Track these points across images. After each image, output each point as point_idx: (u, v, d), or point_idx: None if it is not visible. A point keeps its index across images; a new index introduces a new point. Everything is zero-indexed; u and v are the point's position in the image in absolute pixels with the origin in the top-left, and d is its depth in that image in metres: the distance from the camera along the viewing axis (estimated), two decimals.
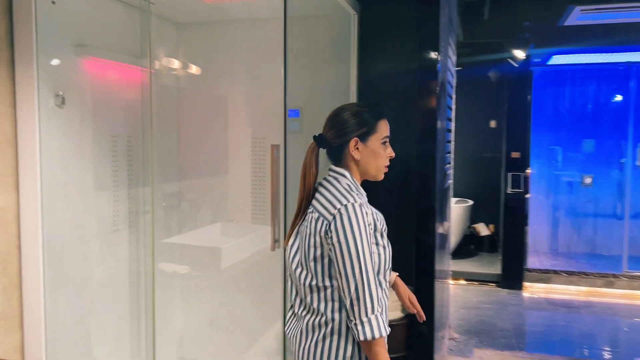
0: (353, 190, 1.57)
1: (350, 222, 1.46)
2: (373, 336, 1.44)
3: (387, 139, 1.65)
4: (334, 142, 1.62)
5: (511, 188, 5.46)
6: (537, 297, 5.34)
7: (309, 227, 1.55)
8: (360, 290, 1.45)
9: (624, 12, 4.47)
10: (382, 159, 1.64)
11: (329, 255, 1.50)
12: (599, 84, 6.37)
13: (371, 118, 1.62)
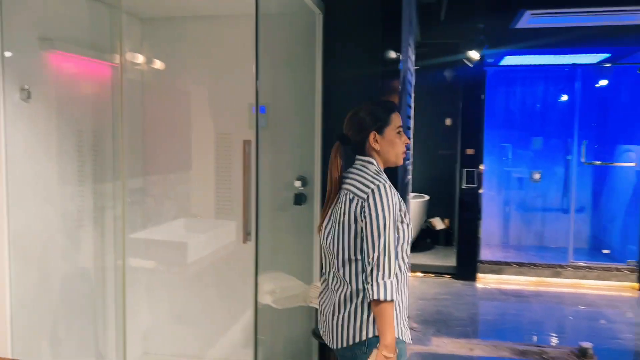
0: (381, 175, 1.81)
1: (381, 198, 1.70)
2: (385, 297, 1.65)
3: (400, 128, 1.88)
4: (356, 138, 1.87)
5: (466, 183, 5.67)
6: (489, 287, 5.58)
7: (343, 207, 1.79)
8: (382, 256, 1.66)
9: (571, 17, 4.72)
10: (399, 146, 1.87)
11: (361, 228, 1.72)
12: (548, 84, 6.69)
13: (384, 113, 1.86)
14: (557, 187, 6.63)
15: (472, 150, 5.68)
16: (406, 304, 1.86)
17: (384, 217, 1.68)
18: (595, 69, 6.42)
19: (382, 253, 1.66)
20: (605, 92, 6.53)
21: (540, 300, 5.16)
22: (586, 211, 6.65)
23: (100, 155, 2.74)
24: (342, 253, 1.79)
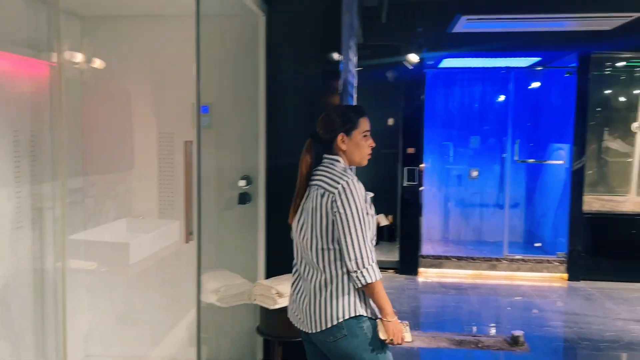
0: (347, 172, 1.97)
1: (352, 193, 1.88)
2: (376, 278, 1.88)
3: (367, 132, 2.05)
4: (326, 137, 2.03)
5: (407, 181, 5.87)
6: (430, 281, 5.80)
7: (315, 202, 1.96)
8: (362, 245, 1.86)
9: (503, 22, 4.98)
10: (364, 149, 2.04)
11: (334, 221, 1.90)
12: (484, 85, 7.01)
13: (354, 116, 2.03)
14: (494, 184, 6.96)
15: (413, 150, 5.88)
16: None
17: (357, 209, 1.87)
18: (527, 72, 6.78)
19: (362, 242, 1.86)
20: (537, 93, 6.91)
21: (477, 292, 5.41)
22: (520, 207, 7.01)
23: (38, 155, 2.68)
24: (315, 244, 1.95)
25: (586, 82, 5.69)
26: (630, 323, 4.50)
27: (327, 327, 1.94)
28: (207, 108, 3.23)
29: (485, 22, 4.90)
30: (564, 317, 4.78)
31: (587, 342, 4.12)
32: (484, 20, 4.84)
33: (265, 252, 3.33)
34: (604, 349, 4.00)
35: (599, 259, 5.75)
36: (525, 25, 5.14)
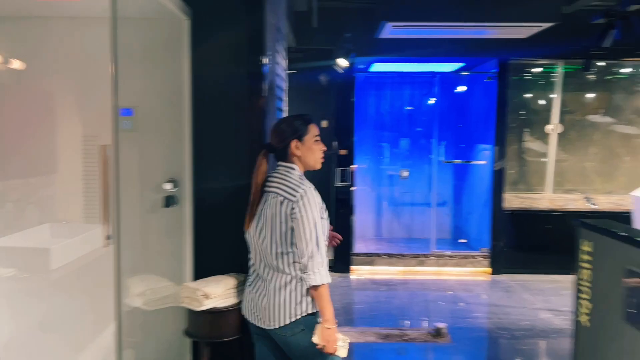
0: (304, 180, 2.12)
1: (309, 201, 2.04)
2: (322, 282, 2.02)
3: (318, 137, 2.22)
4: (279, 145, 2.18)
5: (340, 182, 6.01)
6: (363, 278, 5.97)
7: (274, 209, 2.09)
8: (315, 250, 2.01)
9: (428, 30, 5.21)
10: (317, 152, 2.21)
11: (292, 227, 2.03)
12: (413, 89, 7.28)
13: (303, 124, 2.19)
14: (423, 184, 7.24)
15: (345, 151, 6.03)
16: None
17: (313, 217, 2.02)
18: (452, 77, 7.11)
19: (315, 247, 2.01)
20: (463, 97, 7.25)
21: (406, 288, 5.63)
22: (448, 205, 7.34)
23: None
24: (275, 248, 2.10)
25: (505, 87, 6.04)
26: (543, 312, 4.83)
27: (286, 323, 2.09)
28: (130, 111, 3.21)
29: (410, 29, 5.11)
30: (485, 308, 5.06)
31: (504, 331, 4.40)
32: (408, 27, 5.04)
33: (192, 254, 3.34)
34: (519, 337, 4.28)
35: (519, 253, 6.12)
36: (448, 33, 5.40)
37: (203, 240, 3.39)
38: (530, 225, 6.13)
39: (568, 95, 6.82)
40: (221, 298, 3.14)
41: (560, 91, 6.65)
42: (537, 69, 6.76)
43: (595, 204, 6.20)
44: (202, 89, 3.33)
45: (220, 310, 3.14)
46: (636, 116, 6.89)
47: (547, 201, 6.46)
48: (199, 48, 3.30)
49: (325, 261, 2.04)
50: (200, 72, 3.31)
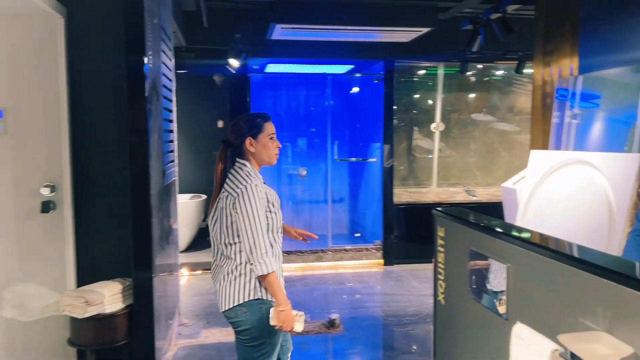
0: (252, 176, 2.24)
1: (249, 197, 2.16)
2: (267, 271, 2.15)
3: (273, 135, 2.33)
4: (236, 142, 2.29)
5: None
6: None
7: (223, 203, 2.23)
8: (257, 241, 2.15)
9: (317, 32, 5.38)
10: (271, 149, 2.32)
11: (236, 220, 2.18)
12: (308, 90, 7.46)
13: (259, 121, 2.30)
14: (320, 182, 7.45)
15: None
16: (280, 273, 2.33)
17: (252, 211, 2.15)
18: (344, 78, 7.38)
19: (257, 238, 2.15)
20: (355, 98, 7.55)
21: (305, 283, 5.77)
22: (345, 201, 7.61)
23: None
24: (224, 238, 2.25)
25: (392, 88, 6.38)
26: (429, 298, 5.15)
27: (232, 306, 2.24)
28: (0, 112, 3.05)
29: (299, 31, 5.25)
30: (377, 298, 5.33)
31: (393, 317, 4.67)
32: (297, 29, 5.18)
33: (74, 260, 3.24)
34: (406, 322, 4.56)
35: (409, 244, 6.49)
36: (337, 36, 5.61)
37: (85, 246, 3.29)
38: (418, 217, 6.52)
39: (450, 95, 7.34)
40: (106, 304, 3.07)
41: (442, 92, 7.13)
42: (421, 71, 7.21)
43: (476, 195, 6.72)
44: (80, 89, 3.24)
45: (105, 316, 3.08)
46: (511, 114, 7.56)
47: (433, 195, 6.91)
48: (75, 48, 3.20)
49: (269, 252, 2.18)
50: (78, 71, 3.22)
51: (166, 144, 3.97)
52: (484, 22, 4.79)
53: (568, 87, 4.20)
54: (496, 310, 1.64)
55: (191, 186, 6.88)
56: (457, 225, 1.98)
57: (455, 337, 2.00)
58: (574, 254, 1.35)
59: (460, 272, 1.93)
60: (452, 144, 7.39)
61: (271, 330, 2.24)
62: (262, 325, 2.22)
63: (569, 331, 1.23)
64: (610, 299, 1.17)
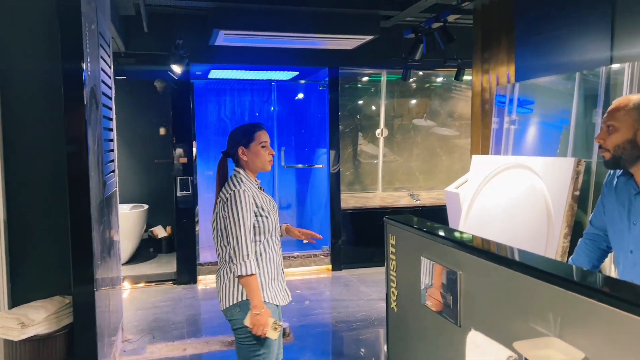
0: (243, 182, 2.37)
1: (236, 202, 2.29)
2: (246, 273, 2.25)
3: (265, 143, 2.45)
4: (231, 151, 2.47)
5: (180, 191, 5.89)
6: (209, 288, 5.91)
7: (218, 208, 2.38)
8: (240, 243, 2.26)
9: (260, 39, 5.34)
10: (263, 157, 2.44)
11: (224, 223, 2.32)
12: (253, 96, 7.39)
13: (250, 131, 2.44)
14: (267, 189, 7.34)
15: (185, 159, 5.92)
16: (276, 275, 2.47)
17: (237, 214, 2.26)
18: (289, 84, 7.37)
19: (240, 240, 2.26)
20: (301, 104, 7.55)
21: None
22: (292, 207, 7.58)
23: None
24: (219, 240, 2.39)
25: (337, 95, 6.43)
26: (378, 302, 5.23)
27: (228, 305, 2.37)
28: None
29: (243, 37, 5.20)
30: (326, 304, 5.33)
31: (343, 323, 4.68)
32: (241, 35, 5.13)
33: (7, 279, 3.04)
34: (356, 327, 4.58)
35: (356, 249, 6.55)
36: (281, 43, 5.59)
37: (21, 262, 3.10)
38: (365, 222, 6.58)
39: (393, 101, 7.48)
40: (44, 324, 2.91)
41: (385, 98, 7.26)
42: (365, 78, 7.31)
43: (420, 199, 6.87)
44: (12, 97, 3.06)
45: (43, 337, 2.91)
46: (451, 119, 7.79)
47: (379, 199, 7.01)
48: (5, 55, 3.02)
49: (252, 254, 2.28)
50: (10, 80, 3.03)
51: (106, 154, 3.81)
52: (425, 30, 4.91)
53: (506, 94, 4.36)
54: (449, 317, 1.67)
55: (132, 196, 6.65)
56: (408, 232, 2.00)
57: (409, 345, 2.02)
58: (523, 261, 1.39)
59: (412, 280, 1.95)
60: (395, 149, 7.54)
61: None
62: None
63: (522, 337, 1.26)
64: (559, 305, 1.21)
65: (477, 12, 4.63)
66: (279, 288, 2.49)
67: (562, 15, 3.72)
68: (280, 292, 2.50)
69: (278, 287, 2.49)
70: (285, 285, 2.56)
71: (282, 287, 2.52)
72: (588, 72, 3.47)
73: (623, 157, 1.82)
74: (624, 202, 1.91)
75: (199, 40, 5.62)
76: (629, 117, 1.80)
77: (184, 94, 5.90)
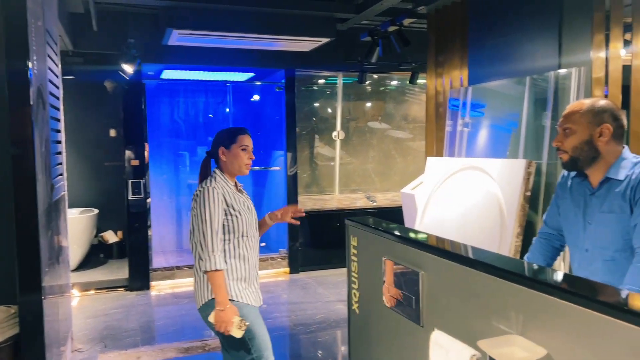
0: (216, 180, 2.42)
1: (203, 199, 2.34)
2: (212, 268, 2.29)
3: (246, 147, 2.49)
4: (213, 151, 2.52)
5: (132, 195, 5.72)
6: (163, 293, 5.77)
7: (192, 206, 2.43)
8: (206, 238, 2.30)
9: (215, 39, 5.26)
10: (242, 160, 2.47)
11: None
12: (207, 97, 7.28)
13: (234, 134, 2.49)
14: None
15: (137, 162, 5.75)
16: (248, 275, 2.48)
17: (205, 212, 2.30)
18: (245, 86, 7.30)
19: (205, 236, 2.30)
20: (257, 106, 7.49)
21: None
22: None
23: None
24: (192, 237, 2.39)
25: (293, 97, 6.41)
26: (336, 304, 5.24)
27: (201, 304, 2.41)
28: None
29: (197, 37, 5.10)
30: (283, 307, 5.29)
31: (301, 326, 4.66)
32: (195, 35, 5.03)
33: None
34: (314, 330, 4.57)
35: (314, 251, 6.54)
36: (236, 43, 5.52)
37: None
38: (322, 224, 6.58)
39: (349, 104, 7.53)
40: None
41: (342, 101, 7.30)
42: (321, 80, 7.33)
43: (376, 201, 6.94)
44: None
45: None
46: (405, 122, 7.92)
47: (336, 201, 7.03)
48: None
49: (218, 250, 2.32)
50: None
51: (54, 156, 3.65)
52: (381, 34, 4.97)
53: (459, 98, 4.47)
54: (412, 317, 1.67)
55: (82, 200, 6.41)
56: (370, 234, 2.00)
57: (371, 347, 2.02)
58: (485, 260, 1.41)
59: (374, 281, 1.95)
60: (352, 152, 7.59)
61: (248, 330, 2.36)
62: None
63: (485, 336, 1.28)
64: (521, 303, 1.24)
65: (431, 16, 4.72)
66: (252, 289, 2.50)
67: (514, 21, 3.84)
68: (253, 293, 2.50)
69: (251, 287, 2.49)
70: (258, 287, 2.57)
71: (255, 289, 2.53)
72: (538, 77, 3.59)
73: (580, 158, 1.89)
74: (579, 203, 1.98)
75: (151, 40, 5.49)
76: (584, 119, 1.87)
77: (136, 95, 5.73)
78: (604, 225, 1.88)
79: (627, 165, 1.86)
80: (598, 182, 1.91)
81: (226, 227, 2.38)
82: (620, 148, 1.89)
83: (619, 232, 1.83)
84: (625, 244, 1.83)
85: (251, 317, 2.44)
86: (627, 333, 0.99)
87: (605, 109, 1.87)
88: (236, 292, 2.41)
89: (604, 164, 1.89)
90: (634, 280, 1.71)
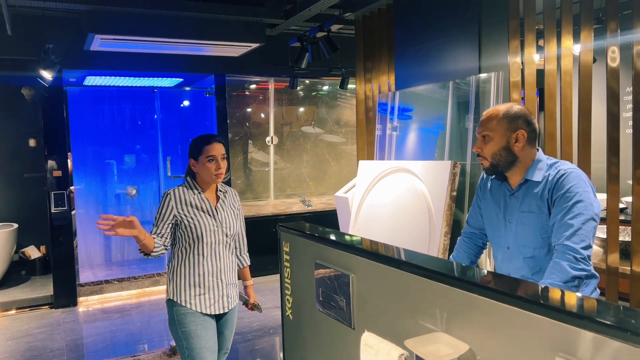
0: (186, 186, 2.55)
1: (161, 200, 2.49)
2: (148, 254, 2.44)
3: (212, 157, 2.49)
4: (189, 161, 2.57)
5: (55, 207, 5.43)
6: (91, 309, 5.51)
7: None
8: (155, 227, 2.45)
9: (141, 44, 5.10)
10: (208, 170, 2.50)
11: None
12: (134, 103, 7.05)
13: (200, 145, 2.52)
14: (152, 201, 7.07)
15: (60, 172, 5.47)
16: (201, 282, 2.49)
17: (159, 212, 2.45)
18: (173, 92, 7.13)
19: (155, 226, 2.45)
20: (187, 112, 7.33)
21: (140, 311, 5.40)
22: None
23: None
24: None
25: (224, 102, 6.33)
26: (273, 310, 5.20)
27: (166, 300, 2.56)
28: None
29: (121, 42, 4.93)
30: None
31: (238, 335, 4.58)
32: (119, 40, 4.86)
33: None
34: (251, 338, 4.52)
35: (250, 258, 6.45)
36: (162, 48, 5.39)
37: None
38: (259, 230, 6.52)
39: (282, 109, 7.53)
40: None
41: (274, 106, 7.29)
42: (253, 86, 7.28)
43: (311, 205, 6.97)
44: None
45: None
46: (338, 126, 8.01)
47: (272, 207, 7.00)
48: None
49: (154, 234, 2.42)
50: None
51: None
52: (310, 39, 5.00)
53: (387, 102, 4.57)
54: (343, 320, 1.69)
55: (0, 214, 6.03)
56: (302, 239, 2.01)
57: (305, 351, 2.02)
58: (409, 261, 1.45)
59: (307, 286, 1.96)
60: (286, 156, 7.58)
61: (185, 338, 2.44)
62: (174, 327, 2.48)
63: (412, 335, 1.31)
64: (444, 301, 1.28)
65: (359, 23, 4.81)
66: (210, 295, 2.50)
67: (437, 27, 3.99)
68: (208, 300, 2.50)
69: (209, 294, 2.49)
70: (221, 295, 2.56)
71: (215, 296, 2.52)
72: (460, 81, 3.74)
73: (500, 164, 1.98)
74: (500, 203, 2.07)
75: (72, 45, 5.24)
76: (501, 126, 1.96)
77: (56, 102, 5.45)
78: (523, 224, 1.98)
79: (543, 167, 1.97)
80: (517, 183, 2.01)
81: (178, 230, 2.47)
82: (535, 151, 2.00)
83: (538, 230, 1.93)
84: (544, 241, 1.93)
85: (192, 327, 2.43)
86: (543, 325, 1.05)
87: (519, 115, 1.97)
88: (184, 298, 2.46)
89: (522, 167, 1.99)
90: (553, 275, 1.81)
